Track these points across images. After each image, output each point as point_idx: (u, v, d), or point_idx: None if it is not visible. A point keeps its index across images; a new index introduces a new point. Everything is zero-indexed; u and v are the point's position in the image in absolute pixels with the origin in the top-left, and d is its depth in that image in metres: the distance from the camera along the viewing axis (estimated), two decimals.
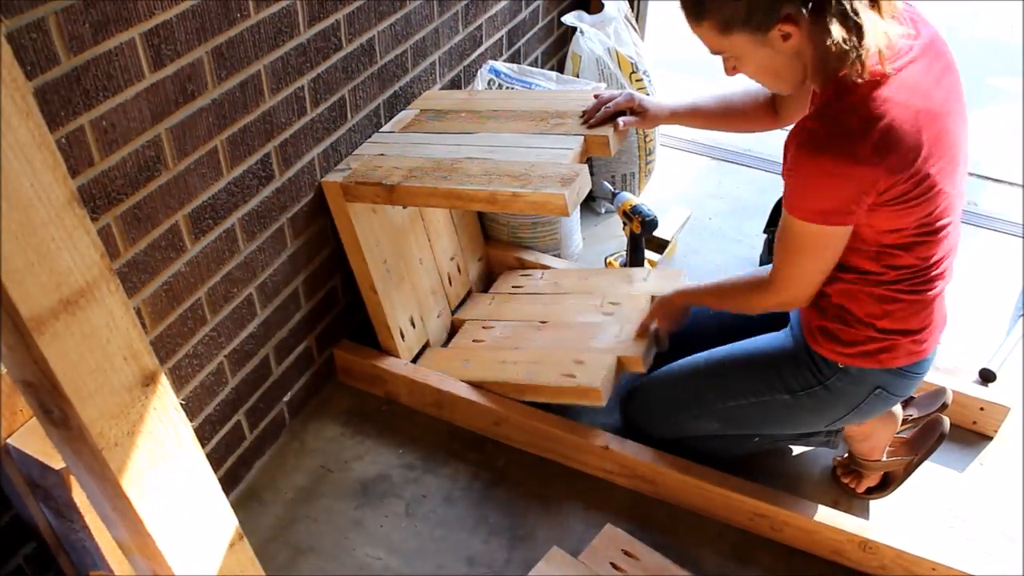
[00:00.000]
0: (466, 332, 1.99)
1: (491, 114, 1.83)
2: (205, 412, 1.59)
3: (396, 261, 1.85)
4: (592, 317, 1.92)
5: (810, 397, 1.51)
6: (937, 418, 1.68)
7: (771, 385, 1.54)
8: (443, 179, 1.61)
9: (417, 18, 1.85)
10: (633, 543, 1.60)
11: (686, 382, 1.67)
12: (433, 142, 1.76)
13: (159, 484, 0.82)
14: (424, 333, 1.96)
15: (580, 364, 1.76)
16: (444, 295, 2.05)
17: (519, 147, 1.69)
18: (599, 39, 2.34)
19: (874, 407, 1.51)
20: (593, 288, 2.02)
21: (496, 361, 1.86)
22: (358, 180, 1.66)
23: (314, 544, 1.64)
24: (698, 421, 1.65)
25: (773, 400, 1.55)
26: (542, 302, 2.03)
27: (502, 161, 1.65)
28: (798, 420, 1.59)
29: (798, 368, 1.51)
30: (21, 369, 0.70)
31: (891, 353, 1.42)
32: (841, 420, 1.54)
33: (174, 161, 1.33)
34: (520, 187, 1.54)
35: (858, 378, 1.46)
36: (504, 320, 2.00)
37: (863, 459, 1.69)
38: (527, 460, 1.80)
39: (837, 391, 1.48)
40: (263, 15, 1.40)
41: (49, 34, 1.06)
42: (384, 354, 1.89)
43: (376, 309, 1.83)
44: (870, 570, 1.59)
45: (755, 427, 1.64)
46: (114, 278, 0.71)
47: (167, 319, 1.42)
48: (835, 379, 1.47)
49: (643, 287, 1.98)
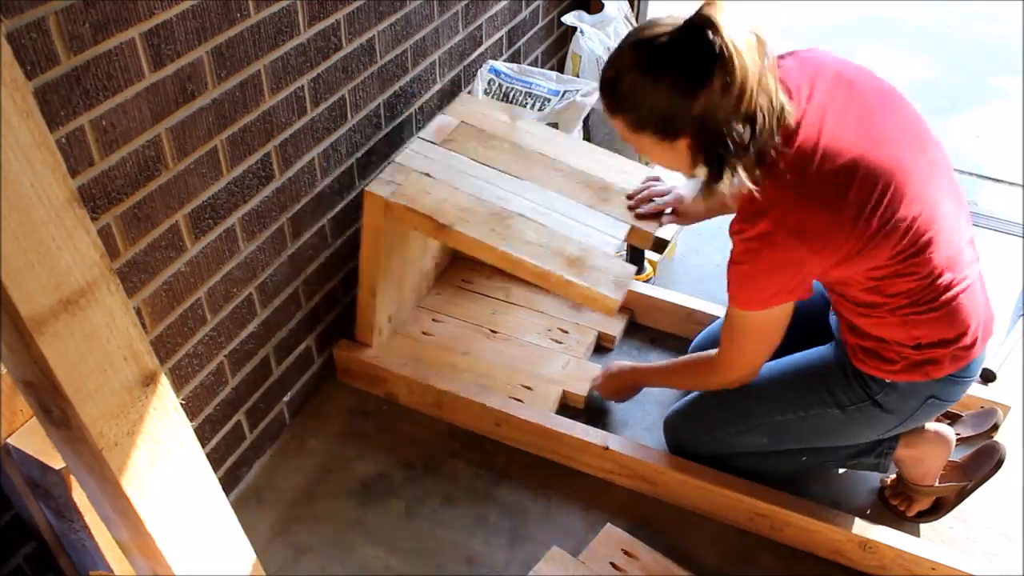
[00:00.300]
0: (416, 320, 2.05)
1: (539, 158, 1.81)
2: (205, 412, 1.59)
3: (399, 268, 1.87)
4: (542, 341, 2.02)
5: (861, 412, 1.47)
6: (995, 444, 1.62)
7: (821, 399, 1.50)
8: (497, 236, 1.60)
9: (417, 18, 1.85)
10: (633, 543, 1.60)
11: (732, 397, 1.61)
12: (480, 175, 1.73)
13: (159, 484, 0.82)
14: (394, 326, 2.01)
15: (528, 390, 1.88)
16: (420, 292, 2.09)
17: (571, 220, 1.69)
18: (599, 39, 2.34)
19: (927, 414, 1.48)
20: (543, 306, 2.11)
21: (447, 364, 1.94)
22: (408, 204, 1.63)
23: (314, 544, 1.64)
24: (745, 436, 1.60)
25: (823, 414, 1.51)
26: (492, 308, 2.11)
27: (556, 233, 1.64)
28: (850, 433, 1.55)
29: (847, 383, 1.47)
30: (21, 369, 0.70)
31: (936, 365, 1.39)
32: (894, 430, 1.52)
33: (174, 161, 1.33)
34: (575, 277, 1.56)
35: (908, 391, 1.43)
36: (454, 317, 2.07)
37: (915, 484, 1.64)
38: (527, 460, 1.80)
39: (888, 404, 1.45)
40: (263, 15, 1.40)
41: (49, 34, 1.06)
42: (364, 345, 1.93)
43: (367, 310, 1.85)
44: (870, 570, 1.59)
45: (805, 441, 1.60)
46: (114, 278, 0.71)
47: (167, 319, 1.42)
48: (884, 394, 1.44)
49: (590, 319, 2.07)
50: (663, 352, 2.05)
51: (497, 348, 1.99)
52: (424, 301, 2.11)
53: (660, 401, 1.93)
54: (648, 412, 1.91)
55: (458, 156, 1.77)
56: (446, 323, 2.05)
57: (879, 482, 1.74)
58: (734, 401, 1.61)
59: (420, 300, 2.11)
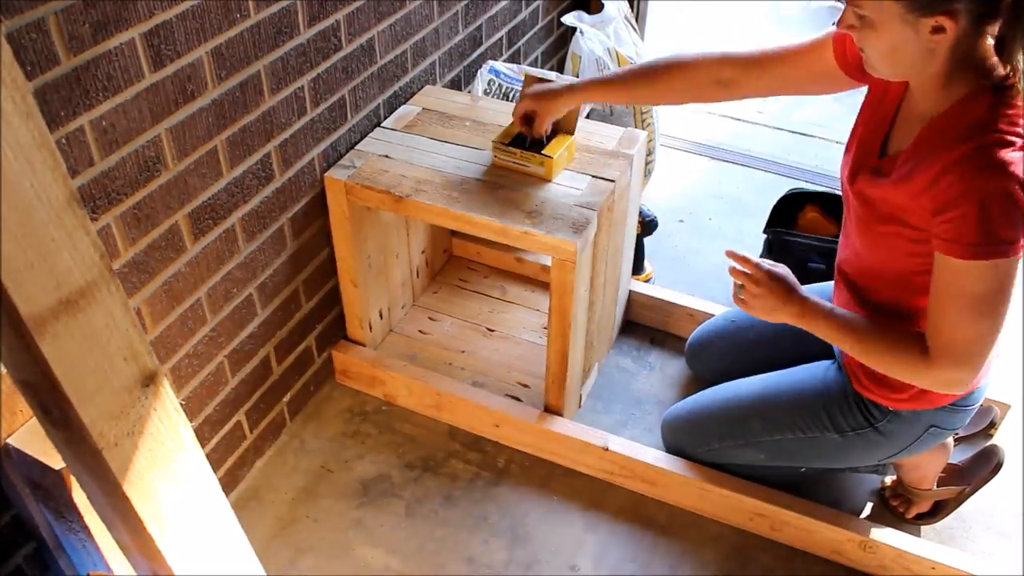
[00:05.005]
0: (412, 319, 2.05)
1: (499, 129, 1.81)
2: (205, 412, 1.59)
3: (378, 256, 1.87)
4: (538, 338, 2.01)
5: (860, 437, 1.46)
6: (993, 448, 1.61)
7: (820, 423, 1.48)
8: (454, 200, 1.61)
9: (417, 18, 1.85)
10: None
11: (731, 410, 1.59)
12: (438, 151, 1.75)
13: (159, 484, 0.82)
14: (389, 323, 2.01)
15: (526, 388, 1.89)
16: (411, 287, 2.08)
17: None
18: (599, 39, 2.34)
19: (927, 443, 1.46)
20: (540, 304, 2.10)
21: (444, 363, 1.94)
22: (365, 183, 1.65)
23: (314, 544, 1.64)
24: (743, 450, 1.59)
25: (822, 437, 1.49)
26: (489, 306, 2.11)
27: (515, 193, 1.64)
28: (847, 457, 1.53)
29: (848, 408, 1.45)
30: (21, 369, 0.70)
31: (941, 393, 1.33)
32: (893, 457, 1.51)
33: (174, 161, 1.33)
34: (533, 227, 1.55)
35: (910, 420, 1.41)
36: (451, 316, 2.07)
37: (913, 488, 1.64)
38: (527, 460, 1.80)
39: (889, 432, 1.44)
40: (263, 15, 1.40)
41: (49, 34, 1.06)
42: (355, 343, 1.94)
43: (352, 301, 1.86)
44: (870, 570, 1.59)
45: (801, 461, 1.58)
46: (114, 278, 0.71)
47: (167, 319, 1.42)
48: (886, 422, 1.43)
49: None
50: (663, 352, 2.05)
51: (494, 346, 1.99)
52: (420, 300, 2.12)
53: (660, 401, 1.93)
54: (648, 412, 1.91)
55: (418, 137, 1.79)
56: (443, 322, 2.06)
57: (879, 483, 1.74)
58: (734, 416, 1.60)
59: (416, 298, 2.11)
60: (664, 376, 2.00)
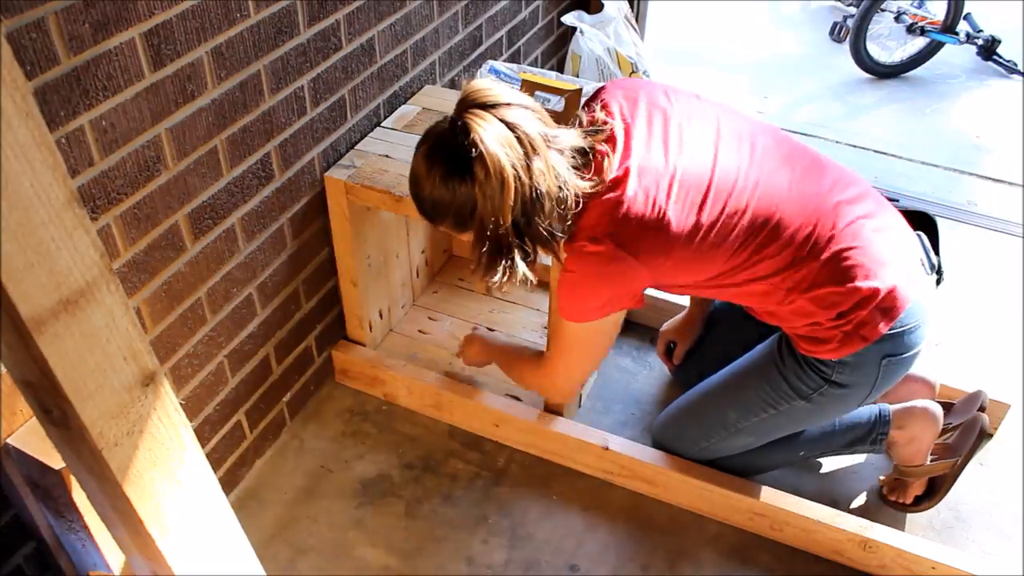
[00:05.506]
0: (412, 319, 2.06)
1: None
2: (205, 412, 1.59)
3: (377, 256, 1.87)
4: (538, 338, 2.01)
5: (824, 396, 1.49)
6: (975, 417, 1.65)
7: (785, 394, 1.52)
8: None
9: (417, 18, 1.85)
10: None
11: (706, 407, 1.64)
12: None
13: (159, 484, 0.82)
14: (389, 323, 2.01)
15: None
16: (411, 287, 2.09)
17: None
18: (599, 39, 2.34)
19: (893, 374, 1.47)
20: (539, 304, 2.11)
21: (444, 362, 1.95)
22: (365, 183, 1.65)
23: (314, 544, 1.64)
24: (732, 439, 1.62)
25: (793, 407, 1.53)
26: (489, 306, 2.11)
27: None
28: (826, 415, 1.57)
29: (803, 372, 1.49)
30: (21, 369, 0.70)
31: (868, 326, 1.37)
32: (869, 398, 1.51)
33: (174, 161, 1.33)
34: None
35: (860, 362, 1.43)
36: (451, 316, 2.07)
37: (906, 466, 1.66)
38: (527, 460, 1.80)
39: (848, 382, 1.46)
40: (263, 15, 1.40)
41: (49, 34, 1.06)
42: (355, 343, 1.94)
43: (352, 301, 1.86)
44: (870, 570, 1.59)
45: (790, 430, 1.62)
46: (114, 278, 0.71)
47: (167, 319, 1.42)
48: (837, 372, 1.45)
49: None
50: None
51: None
52: (420, 300, 2.12)
53: (660, 401, 1.93)
54: (648, 412, 1.91)
55: (418, 137, 1.78)
56: (443, 321, 2.06)
57: (878, 481, 1.74)
58: (708, 412, 1.64)
59: (415, 298, 2.11)
60: (664, 376, 2.00)
